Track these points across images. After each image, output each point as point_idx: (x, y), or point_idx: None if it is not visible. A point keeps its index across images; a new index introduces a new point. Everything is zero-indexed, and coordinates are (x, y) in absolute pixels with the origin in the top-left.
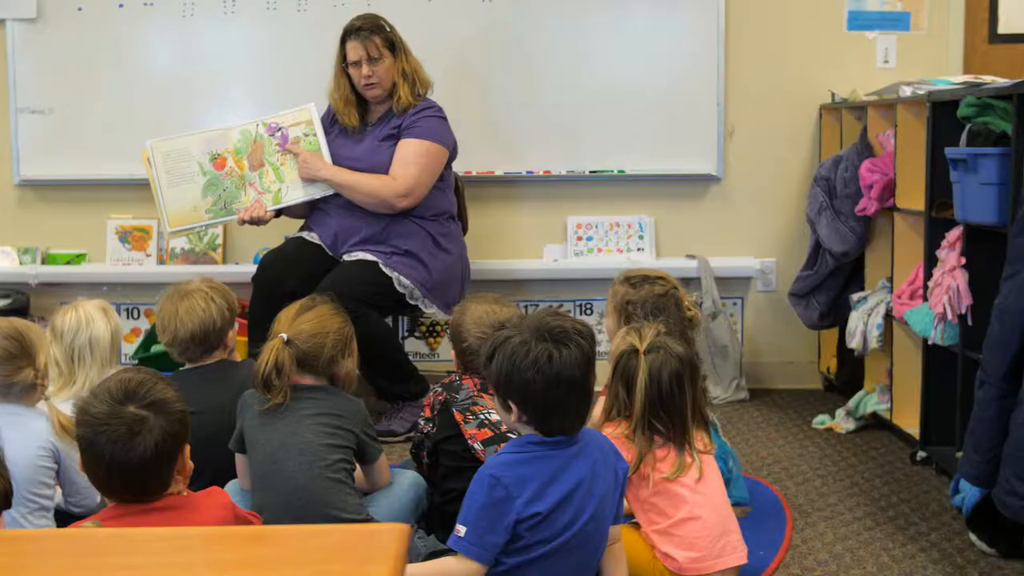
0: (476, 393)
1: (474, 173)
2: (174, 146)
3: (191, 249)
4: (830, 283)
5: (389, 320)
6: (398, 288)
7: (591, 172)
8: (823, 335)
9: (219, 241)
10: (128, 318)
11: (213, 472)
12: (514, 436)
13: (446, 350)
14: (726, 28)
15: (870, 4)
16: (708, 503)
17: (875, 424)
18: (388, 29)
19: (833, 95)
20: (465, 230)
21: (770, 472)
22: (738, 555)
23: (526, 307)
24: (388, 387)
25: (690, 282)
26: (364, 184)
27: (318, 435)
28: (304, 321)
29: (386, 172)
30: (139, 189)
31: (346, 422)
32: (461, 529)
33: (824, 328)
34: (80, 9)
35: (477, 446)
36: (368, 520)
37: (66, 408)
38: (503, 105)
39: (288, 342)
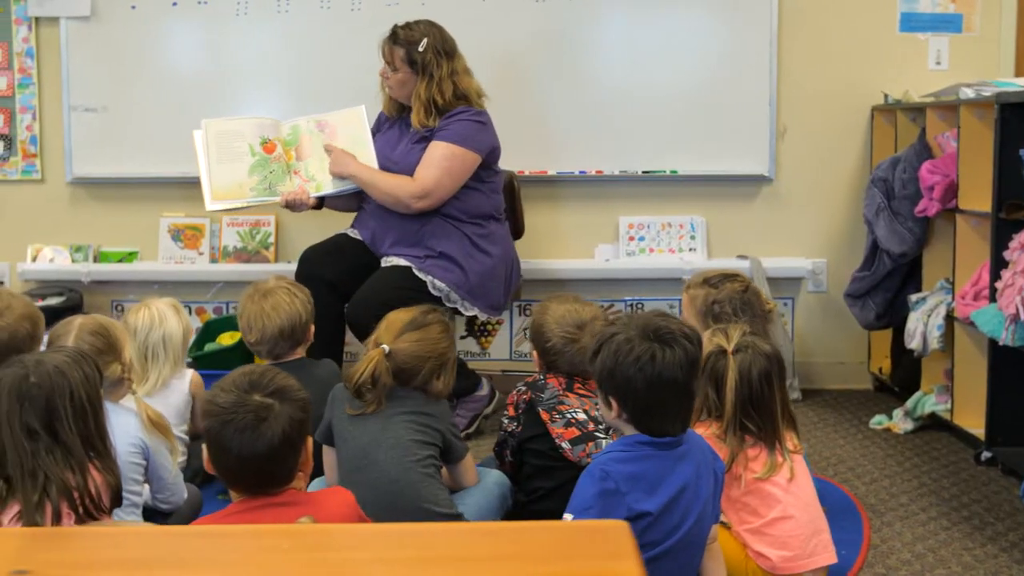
0: (561, 392)
1: (526, 173)
2: (228, 126)
3: (243, 247)
4: (887, 284)
5: None
6: (432, 291)
7: (643, 172)
8: (873, 335)
9: (271, 239)
10: None
11: None
12: (601, 436)
13: (497, 350)
14: (778, 29)
15: (923, 6)
16: (800, 502)
17: (933, 424)
18: (421, 48)
19: (886, 96)
20: (520, 232)
21: (836, 472)
22: (829, 554)
23: None
24: None
25: None
26: (384, 183)
27: (408, 431)
28: (409, 339)
29: None
30: (192, 187)
31: (434, 421)
32: (568, 517)
33: (880, 329)
34: (134, 7)
35: (565, 445)
36: (460, 516)
37: (130, 404)
38: (556, 105)
39: (388, 355)
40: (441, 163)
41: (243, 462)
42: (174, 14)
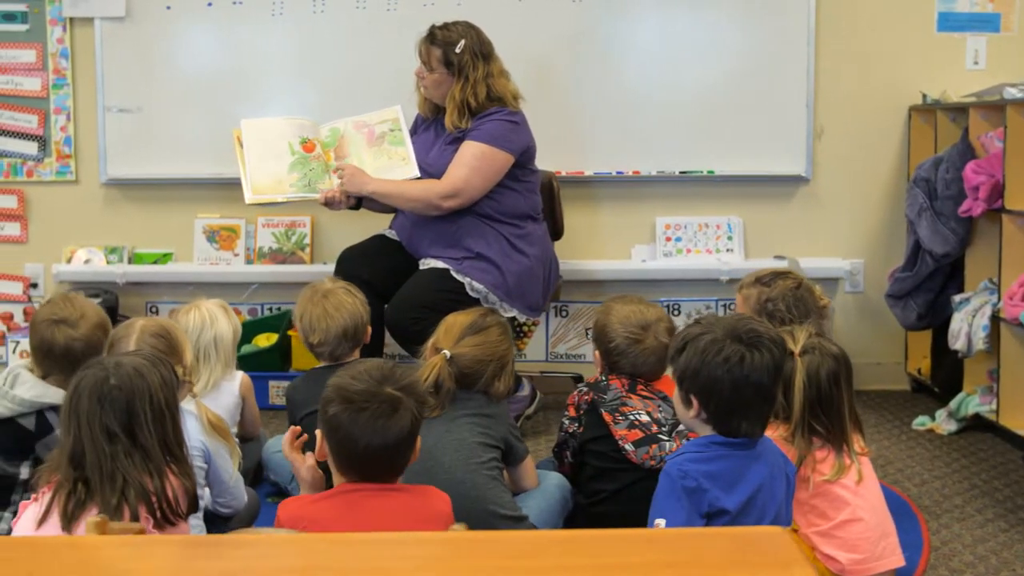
0: (624, 393)
1: (563, 173)
2: (267, 125)
3: (279, 248)
4: (929, 284)
5: None
6: (471, 293)
7: (680, 173)
8: (910, 336)
9: (307, 241)
10: None
11: None
12: (665, 438)
13: (533, 351)
14: (816, 29)
15: (960, 5)
16: (868, 505)
17: (977, 425)
18: (458, 50)
19: (924, 96)
20: (560, 233)
21: (885, 474)
22: (897, 557)
23: None
24: None
25: None
26: (408, 190)
27: (472, 433)
28: (469, 344)
29: None
30: (227, 188)
31: (494, 423)
32: (661, 522)
33: (921, 329)
34: (168, 8)
35: (628, 447)
36: (525, 519)
37: (190, 407)
38: (592, 105)
39: (450, 360)
40: (471, 162)
41: (370, 450)
42: (209, 15)
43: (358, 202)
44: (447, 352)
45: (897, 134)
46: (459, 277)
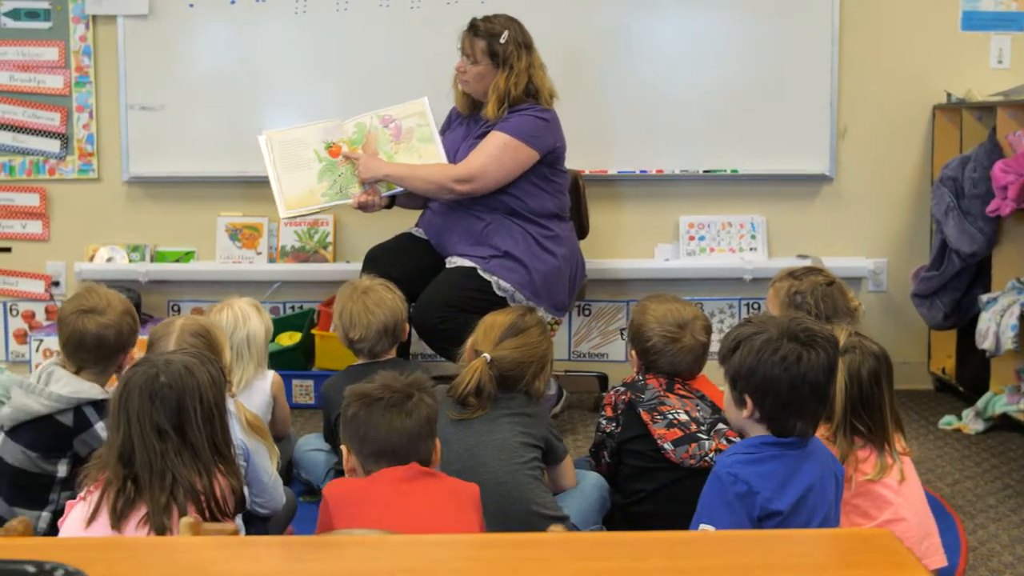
0: (662, 392)
1: (587, 172)
2: (290, 135)
3: (302, 247)
4: (955, 284)
5: None
6: (497, 292)
7: (704, 171)
8: (933, 335)
9: (330, 239)
10: None
11: None
12: (704, 437)
13: (555, 350)
14: (839, 27)
15: (984, 4)
16: (910, 505)
17: (1004, 425)
18: (503, 40)
19: (949, 95)
20: (585, 231)
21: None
22: (940, 557)
23: None
24: None
25: None
26: (422, 172)
27: (514, 433)
28: (509, 346)
29: None
30: (249, 186)
31: (535, 423)
32: (709, 528)
33: (947, 329)
34: (191, 6)
35: (667, 446)
36: (566, 519)
37: (229, 406)
38: (616, 103)
39: (491, 363)
40: (492, 151)
41: (392, 438)
42: (231, 12)
43: (391, 201)
44: (487, 355)
45: (921, 133)
46: (486, 276)
